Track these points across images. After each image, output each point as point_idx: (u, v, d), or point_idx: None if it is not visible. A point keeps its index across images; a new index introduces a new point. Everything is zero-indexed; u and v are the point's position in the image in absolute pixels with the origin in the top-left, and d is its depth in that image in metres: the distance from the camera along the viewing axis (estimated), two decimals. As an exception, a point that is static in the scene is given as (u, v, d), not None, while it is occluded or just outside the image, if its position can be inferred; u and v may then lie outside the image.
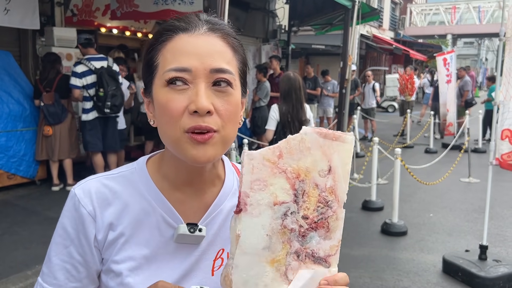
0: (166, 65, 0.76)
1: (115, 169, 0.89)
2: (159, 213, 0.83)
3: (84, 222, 0.81)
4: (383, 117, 15.79)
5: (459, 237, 4.84)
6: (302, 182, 0.70)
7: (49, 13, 7.00)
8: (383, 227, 4.91)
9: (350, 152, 0.73)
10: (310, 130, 0.70)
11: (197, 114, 0.73)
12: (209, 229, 0.85)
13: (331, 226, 0.72)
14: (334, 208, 0.72)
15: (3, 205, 5.17)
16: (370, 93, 11.16)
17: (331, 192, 0.72)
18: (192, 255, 0.84)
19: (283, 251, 0.70)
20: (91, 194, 0.82)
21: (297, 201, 0.70)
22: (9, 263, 3.65)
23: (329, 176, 0.71)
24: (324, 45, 17.12)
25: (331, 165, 0.71)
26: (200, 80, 0.75)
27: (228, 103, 0.77)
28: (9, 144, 5.45)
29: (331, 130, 0.71)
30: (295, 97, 4.09)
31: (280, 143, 0.69)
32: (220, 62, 0.76)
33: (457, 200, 6.26)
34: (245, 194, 0.68)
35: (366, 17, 10.35)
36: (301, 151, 0.70)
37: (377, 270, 3.96)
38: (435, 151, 9.67)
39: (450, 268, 3.89)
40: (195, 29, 0.78)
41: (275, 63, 8.55)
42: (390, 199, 5.08)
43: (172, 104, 0.75)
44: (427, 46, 25.31)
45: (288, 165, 0.69)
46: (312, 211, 0.71)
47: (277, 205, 0.69)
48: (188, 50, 0.75)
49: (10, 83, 5.67)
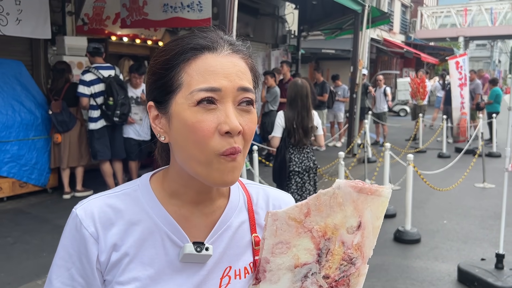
0: (194, 84, 0.75)
1: (118, 186, 0.87)
2: (164, 231, 0.81)
3: (86, 243, 0.79)
4: (394, 121, 15.67)
5: (474, 244, 4.74)
6: (327, 241, 0.67)
7: (60, 23, 7.08)
8: (396, 235, 4.83)
9: (385, 207, 0.69)
10: (344, 184, 0.66)
11: (229, 134, 0.73)
12: (216, 247, 0.83)
13: (351, 283, 0.70)
14: (357, 265, 0.69)
15: (15, 213, 5.20)
16: (382, 97, 11.07)
17: (357, 249, 0.69)
18: (198, 274, 0.82)
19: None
20: (93, 215, 0.81)
21: (320, 261, 0.67)
22: (20, 273, 3.66)
23: (357, 233, 0.68)
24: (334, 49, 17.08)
25: (361, 220, 0.68)
26: (228, 100, 0.75)
27: (251, 122, 0.78)
28: (21, 153, 5.50)
29: (367, 184, 0.67)
30: (300, 104, 4.05)
31: (309, 199, 0.66)
32: (244, 82, 0.77)
33: (472, 206, 6.15)
34: (265, 260, 0.65)
35: (376, 21, 10.30)
36: (331, 207, 0.66)
37: (390, 279, 3.89)
38: (448, 156, 9.54)
39: (465, 277, 3.80)
40: (221, 49, 0.78)
41: (286, 68, 8.53)
42: (402, 206, 5.00)
43: (203, 124, 0.73)
44: (438, 49, 25.10)
45: (315, 223, 0.66)
46: (334, 269, 0.68)
47: (298, 267, 0.67)
48: (217, 70, 0.75)
49: (22, 92, 5.72)
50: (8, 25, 5.55)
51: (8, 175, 5.41)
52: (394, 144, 9.61)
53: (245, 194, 0.92)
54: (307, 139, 4.12)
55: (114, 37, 7.72)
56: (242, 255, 0.86)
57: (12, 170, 5.44)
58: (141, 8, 6.29)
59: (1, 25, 5.49)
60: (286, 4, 12.34)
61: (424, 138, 10.89)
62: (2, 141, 5.30)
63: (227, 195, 0.89)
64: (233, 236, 0.86)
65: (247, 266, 0.86)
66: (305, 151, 4.19)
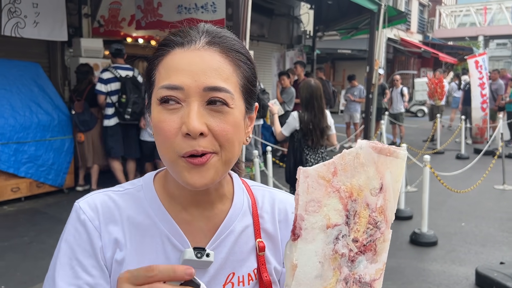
0: (160, 82, 0.72)
1: (121, 185, 0.85)
2: (165, 235, 0.79)
3: (91, 237, 0.76)
4: (412, 122, 15.47)
5: (493, 248, 4.63)
6: (354, 202, 0.66)
7: (76, 25, 7.19)
8: (412, 237, 4.74)
9: (403, 169, 0.69)
10: (365, 144, 0.66)
11: (190, 136, 0.69)
12: (218, 252, 0.80)
13: (378, 249, 0.69)
14: (382, 229, 0.68)
15: (32, 213, 5.28)
16: (398, 97, 10.92)
17: (381, 212, 0.68)
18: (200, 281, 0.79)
19: (333, 279, 0.66)
20: (97, 208, 0.78)
21: (348, 223, 0.66)
22: (36, 272, 3.71)
23: (380, 195, 0.67)
24: (351, 49, 16.98)
25: (383, 182, 0.67)
26: (193, 99, 0.70)
27: (225, 123, 0.71)
28: (38, 154, 5.58)
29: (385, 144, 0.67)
30: (316, 105, 4.03)
31: (335, 158, 0.65)
32: (214, 80, 0.70)
33: (491, 209, 6.01)
34: (300, 217, 0.63)
35: (393, 21, 10.20)
36: (355, 168, 0.66)
37: (405, 282, 3.82)
38: (466, 157, 9.36)
39: (483, 281, 3.70)
40: (192, 43, 0.73)
41: (300, 69, 8.50)
42: (419, 208, 4.91)
43: (164, 124, 0.70)
44: (457, 48, 24.70)
45: (342, 183, 0.65)
46: (362, 233, 0.67)
47: (329, 228, 0.65)
48: (181, 67, 0.71)
49: (39, 93, 5.81)
50: (26, 28, 5.66)
51: (25, 175, 5.50)
52: (411, 145, 9.46)
53: (250, 197, 0.88)
54: (324, 140, 4.11)
55: (129, 39, 7.80)
56: (246, 261, 0.84)
57: (29, 170, 5.53)
58: (155, 9, 6.34)
59: (19, 27, 5.59)
60: (301, 4, 12.29)
61: (442, 139, 10.70)
62: (20, 142, 5.39)
63: (231, 198, 0.85)
64: (236, 241, 0.82)
65: (251, 272, 0.84)
66: (320, 152, 4.17)
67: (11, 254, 4.08)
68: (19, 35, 5.58)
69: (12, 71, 5.72)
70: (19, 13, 5.53)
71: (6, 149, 5.26)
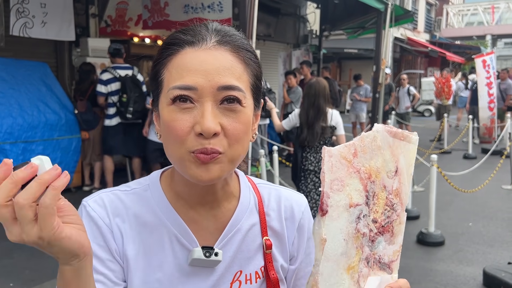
0: (171, 82, 0.71)
1: (128, 184, 0.85)
2: (173, 234, 0.79)
3: (103, 233, 0.77)
4: (419, 121, 15.39)
5: (501, 248, 4.59)
6: (373, 183, 0.68)
7: (84, 25, 7.22)
8: (419, 237, 4.72)
9: (415, 153, 0.72)
10: (381, 128, 0.68)
11: (203, 136, 0.69)
12: (226, 250, 0.80)
13: (395, 231, 0.71)
14: (398, 212, 0.71)
15: (40, 212, 5.32)
16: (405, 97, 10.87)
17: (396, 195, 0.70)
18: (208, 280, 0.79)
19: (356, 257, 0.68)
20: (105, 206, 0.79)
21: (368, 203, 0.68)
22: (44, 270, 3.74)
23: (395, 178, 0.70)
24: (357, 49, 16.92)
25: (397, 166, 0.70)
26: (207, 99, 0.70)
27: (237, 122, 0.72)
28: (45, 153, 5.62)
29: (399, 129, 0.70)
30: (307, 103, 4.06)
31: (355, 140, 0.67)
32: (228, 79, 0.71)
33: (499, 209, 5.96)
34: (326, 194, 0.65)
35: (400, 20, 10.15)
36: (373, 150, 0.68)
37: (412, 282, 3.78)
38: (474, 157, 9.30)
39: (491, 281, 3.68)
40: (202, 42, 0.72)
41: (306, 69, 8.49)
42: (426, 208, 4.89)
43: (176, 124, 0.70)
44: (464, 47, 24.55)
45: (362, 164, 0.67)
46: (380, 214, 0.70)
47: (352, 207, 0.67)
48: (194, 67, 0.70)
49: (47, 93, 5.85)
50: (34, 28, 5.69)
51: (33, 174, 5.54)
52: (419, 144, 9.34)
53: (256, 195, 0.88)
54: (314, 139, 4.01)
55: (136, 39, 7.83)
56: (253, 259, 0.84)
57: (37, 169, 5.57)
58: (162, 9, 6.36)
59: (28, 27, 5.63)
60: (307, 3, 12.26)
61: (449, 139, 10.64)
62: (28, 141, 5.43)
63: (237, 197, 0.85)
64: (244, 240, 0.83)
65: (258, 270, 0.84)
66: (317, 150, 4.17)
67: (19, 253, 4.12)
68: (27, 35, 5.61)
69: (21, 71, 5.76)
70: (27, 13, 5.57)
71: (14, 148, 5.30)
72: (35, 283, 3.50)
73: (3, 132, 5.19)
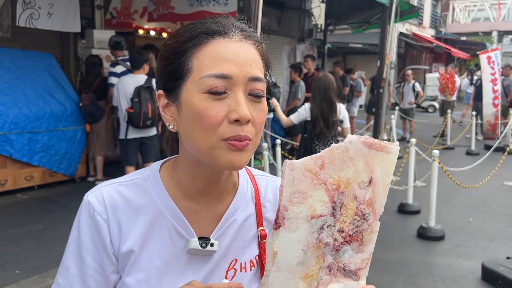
0: (204, 70, 0.73)
1: (128, 175, 0.87)
2: (171, 223, 0.82)
3: (100, 230, 0.80)
4: (423, 117, 15.36)
5: (500, 243, 4.63)
6: (341, 194, 0.69)
7: (89, 16, 7.25)
8: (419, 231, 4.76)
9: (394, 163, 0.71)
10: (355, 139, 0.68)
11: (238, 123, 0.72)
12: (221, 240, 0.84)
13: (364, 239, 0.72)
14: (370, 221, 0.71)
15: (45, 201, 5.39)
16: (410, 92, 10.84)
17: (369, 205, 0.70)
18: (205, 267, 0.83)
19: (316, 266, 0.70)
20: (105, 202, 0.81)
21: (334, 214, 0.69)
22: (49, 258, 3.80)
23: (369, 188, 0.70)
24: (362, 43, 16.86)
25: (372, 176, 0.70)
26: (239, 88, 0.73)
27: (261, 112, 0.76)
28: (51, 143, 5.68)
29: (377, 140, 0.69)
30: (319, 97, 4.15)
31: (323, 152, 0.68)
32: (256, 71, 0.75)
33: (500, 205, 5.99)
34: (284, 207, 0.67)
35: (405, 15, 10.10)
36: (344, 162, 0.68)
37: (411, 275, 3.85)
38: (477, 153, 9.30)
39: (489, 275, 3.72)
40: (232, 34, 0.76)
41: (310, 62, 8.49)
42: (427, 202, 4.92)
43: (211, 112, 0.72)
44: (470, 43, 24.38)
45: (329, 176, 0.68)
46: (348, 224, 0.70)
47: (314, 218, 0.68)
48: (228, 56, 0.73)
49: (52, 84, 5.90)
50: (40, 19, 5.72)
51: (39, 164, 5.61)
52: (422, 140, 9.43)
53: (253, 186, 0.91)
54: (329, 131, 4.19)
55: (141, 31, 7.86)
56: (248, 248, 0.87)
57: (42, 159, 5.63)
58: (167, 2, 6.37)
59: (34, 18, 5.66)
60: (312, -3, 12.24)
61: (453, 135, 10.63)
62: (33, 132, 5.49)
63: (236, 187, 0.88)
64: (239, 230, 0.86)
65: (253, 259, 0.87)
66: (330, 143, 4.24)
67: (25, 240, 4.19)
68: (33, 26, 5.65)
69: (27, 62, 5.81)
70: (33, 4, 5.60)
71: (20, 138, 5.36)
72: (40, 270, 3.56)
73: (9, 122, 5.25)
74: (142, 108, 4.76)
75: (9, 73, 5.52)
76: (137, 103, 4.77)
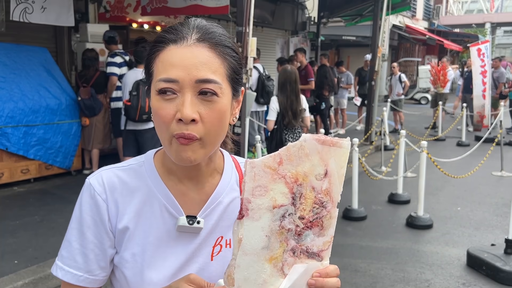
0: (158, 75, 0.84)
1: (126, 161, 0.99)
2: (163, 204, 0.92)
3: (99, 208, 0.91)
4: (415, 109, 15.50)
5: (486, 231, 4.77)
6: (300, 186, 0.77)
7: (83, 10, 7.27)
8: (408, 220, 4.89)
9: (346, 157, 0.79)
10: (309, 138, 0.77)
11: (182, 122, 0.82)
12: (208, 219, 0.93)
13: (325, 224, 0.80)
14: (328, 208, 0.79)
15: (42, 193, 5.47)
16: (397, 84, 10.99)
17: (326, 194, 0.79)
18: (193, 243, 0.93)
19: (280, 249, 0.78)
20: (104, 184, 0.92)
21: (294, 203, 0.78)
22: (47, 249, 3.89)
23: (325, 179, 0.78)
24: (355, 36, 16.92)
25: (327, 169, 0.78)
26: (187, 90, 0.82)
27: (213, 111, 0.83)
28: (46, 136, 5.74)
29: (329, 137, 0.78)
30: (290, 89, 4.44)
31: (281, 150, 0.77)
32: (205, 73, 0.82)
33: (487, 194, 6.14)
34: (247, 200, 0.76)
35: (397, 7, 10.21)
36: (300, 158, 0.77)
37: (399, 262, 3.98)
38: (467, 144, 9.46)
39: (474, 261, 3.86)
40: (183, 40, 0.84)
41: (300, 55, 8.58)
42: (417, 193, 5.05)
43: (162, 112, 0.83)
44: (463, 35, 24.52)
45: (288, 170, 0.76)
46: (308, 211, 0.79)
47: (276, 208, 0.77)
48: (176, 62, 0.82)
49: (47, 78, 5.95)
50: (34, 13, 5.74)
51: (35, 157, 5.67)
52: (414, 132, 9.56)
53: (238, 172, 1.02)
54: (297, 121, 4.52)
55: (135, 25, 7.88)
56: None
57: (38, 153, 5.70)
58: (161, -5, 6.42)
59: (27, 13, 5.68)
60: (306, -10, 12.27)
61: (444, 126, 10.78)
62: (29, 125, 5.55)
63: (221, 173, 0.98)
64: (225, 211, 0.96)
65: None
66: (297, 132, 4.65)
67: (22, 232, 4.27)
68: (27, 20, 5.66)
69: (21, 56, 5.85)
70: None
71: (16, 132, 5.42)
72: (38, 260, 3.65)
73: (5, 116, 5.30)
74: (139, 102, 4.82)
75: (3, 67, 5.56)
76: (135, 97, 4.85)
